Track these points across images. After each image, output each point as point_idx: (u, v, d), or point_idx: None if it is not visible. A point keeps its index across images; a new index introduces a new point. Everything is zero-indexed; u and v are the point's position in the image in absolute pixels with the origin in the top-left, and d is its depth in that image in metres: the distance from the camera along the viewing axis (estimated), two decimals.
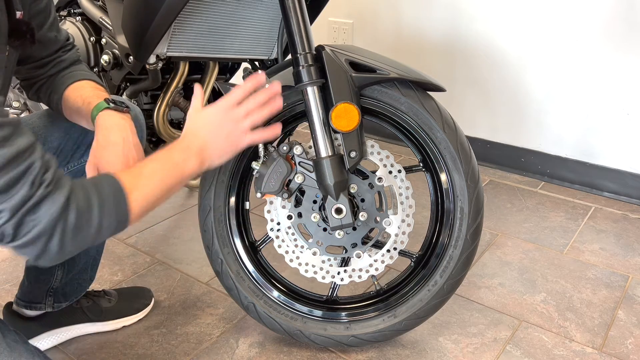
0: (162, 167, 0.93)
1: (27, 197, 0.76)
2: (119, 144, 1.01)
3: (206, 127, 1.01)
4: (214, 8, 1.31)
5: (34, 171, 0.77)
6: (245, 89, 1.04)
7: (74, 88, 1.11)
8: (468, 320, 1.46)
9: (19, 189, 0.75)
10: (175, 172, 0.94)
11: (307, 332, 1.30)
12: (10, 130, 0.76)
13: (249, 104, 1.04)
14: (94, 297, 1.42)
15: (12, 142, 0.75)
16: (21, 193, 0.75)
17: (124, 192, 0.85)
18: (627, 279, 1.63)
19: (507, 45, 2.17)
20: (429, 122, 1.21)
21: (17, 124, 0.78)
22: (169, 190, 0.93)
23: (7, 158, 0.74)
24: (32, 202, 0.76)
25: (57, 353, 1.35)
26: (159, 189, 0.91)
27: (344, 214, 1.19)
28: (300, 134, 2.60)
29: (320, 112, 1.16)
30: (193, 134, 1.00)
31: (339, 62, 1.16)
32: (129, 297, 1.47)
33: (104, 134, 1.02)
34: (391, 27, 2.44)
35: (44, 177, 0.78)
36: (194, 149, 0.98)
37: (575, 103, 2.09)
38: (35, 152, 0.79)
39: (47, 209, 0.77)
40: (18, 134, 0.77)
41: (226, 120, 1.02)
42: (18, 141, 0.76)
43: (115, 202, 0.84)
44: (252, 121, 1.04)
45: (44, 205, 0.77)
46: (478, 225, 1.25)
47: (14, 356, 0.87)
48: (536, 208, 2.03)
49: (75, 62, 1.17)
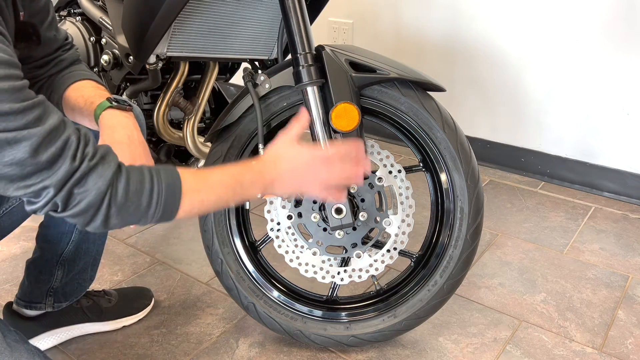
0: (229, 182, 0.93)
1: (71, 172, 0.78)
2: (125, 142, 1.01)
3: (290, 163, 0.98)
4: (214, 8, 1.31)
5: (72, 145, 0.79)
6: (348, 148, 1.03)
7: (75, 88, 1.11)
8: (468, 320, 1.46)
9: (60, 165, 0.77)
10: (238, 190, 0.94)
11: (307, 332, 1.31)
12: (41, 110, 0.77)
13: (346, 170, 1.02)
14: (94, 297, 1.42)
15: (45, 121, 0.77)
16: (63, 168, 0.77)
17: (180, 189, 0.86)
18: (627, 279, 1.63)
19: (507, 45, 2.17)
20: (429, 122, 1.21)
21: (45, 103, 0.79)
22: (224, 204, 0.94)
23: (44, 136, 0.76)
24: (78, 175, 0.78)
25: (57, 353, 1.35)
26: (215, 200, 0.92)
27: (344, 214, 1.19)
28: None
29: (320, 112, 1.16)
30: (274, 163, 0.98)
31: (339, 62, 1.16)
32: (129, 297, 1.47)
33: (108, 132, 1.02)
34: (391, 27, 2.44)
35: (85, 151, 0.80)
36: (267, 178, 0.96)
37: (575, 103, 2.09)
38: (68, 127, 0.80)
39: (94, 182, 0.79)
40: (49, 112, 0.79)
41: (312, 168, 1.00)
42: (50, 119, 0.78)
43: (168, 194, 0.85)
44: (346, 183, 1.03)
45: (91, 178, 0.79)
46: (478, 225, 1.25)
47: (14, 356, 0.87)
48: (536, 208, 2.03)
49: (75, 61, 1.17)
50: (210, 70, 1.51)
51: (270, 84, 1.21)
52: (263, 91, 1.22)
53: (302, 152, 0.99)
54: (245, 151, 1.27)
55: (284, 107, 1.24)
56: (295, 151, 0.99)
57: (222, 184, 0.92)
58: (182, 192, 0.87)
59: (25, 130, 0.74)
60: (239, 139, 1.26)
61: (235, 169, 0.95)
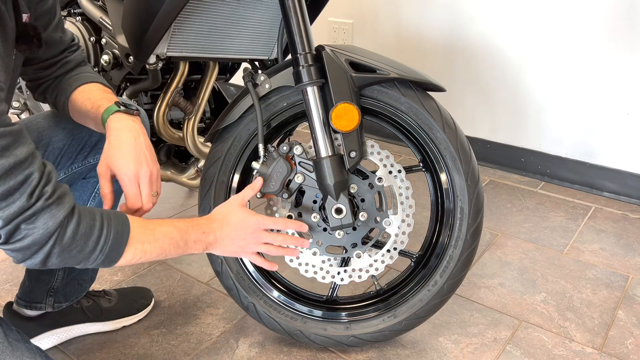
0: (174, 237, 0.97)
1: (24, 208, 0.78)
2: (131, 144, 1.02)
3: (232, 228, 1.07)
4: (214, 8, 1.31)
5: (32, 182, 0.79)
6: (286, 226, 1.14)
7: (82, 91, 1.11)
8: (468, 320, 1.46)
9: (15, 199, 0.77)
10: (181, 246, 0.99)
11: (307, 332, 1.31)
12: (10, 140, 0.77)
13: (277, 240, 1.12)
14: (94, 297, 1.42)
15: (11, 152, 0.77)
16: (17, 204, 0.77)
17: (127, 239, 0.90)
18: (627, 279, 1.63)
19: (507, 45, 2.17)
20: (429, 122, 1.21)
21: (18, 133, 0.79)
22: (165, 257, 0.98)
23: (5, 168, 0.76)
24: (29, 212, 0.78)
25: (57, 353, 1.35)
26: (157, 252, 0.95)
27: (344, 214, 1.19)
28: (300, 134, 2.60)
29: (320, 112, 1.16)
30: (220, 224, 1.06)
31: (339, 62, 1.16)
32: (129, 297, 1.47)
33: (115, 135, 1.02)
34: (391, 27, 2.44)
35: (44, 190, 0.80)
36: (211, 237, 1.04)
37: (575, 103, 2.09)
38: (35, 162, 0.80)
39: (44, 222, 0.80)
40: (18, 144, 0.78)
41: (251, 236, 1.09)
42: (17, 151, 0.77)
43: (115, 242, 0.88)
44: (266, 250, 1.13)
45: (42, 217, 0.79)
46: (478, 225, 1.25)
47: (16, 355, 0.88)
48: (536, 208, 2.03)
49: (81, 63, 1.17)
50: (210, 70, 1.51)
51: (270, 84, 1.21)
52: (263, 91, 1.22)
53: (247, 218, 1.09)
54: (246, 151, 1.27)
55: (284, 107, 1.24)
56: (242, 216, 1.09)
57: (168, 238, 0.96)
58: (128, 242, 0.90)
59: None
60: (239, 139, 1.26)
61: (183, 225, 1.00)
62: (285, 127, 1.30)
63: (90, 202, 1.27)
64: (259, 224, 1.09)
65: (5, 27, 0.87)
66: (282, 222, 1.13)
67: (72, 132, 1.18)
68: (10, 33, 0.89)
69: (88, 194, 1.26)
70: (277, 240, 1.12)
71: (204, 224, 1.04)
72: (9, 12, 0.88)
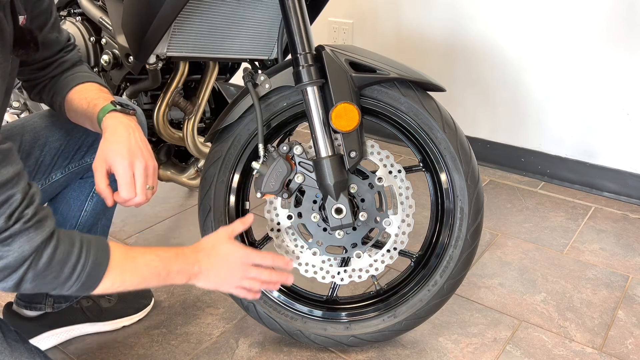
0: (157, 267, 0.95)
1: (1, 230, 0.76)
2: (126, 137, 1.02)
3: (219, 260, 1.06)
4: (214, 8, 1.31)
5: (13, 204, 0.77)
6: (271, 262, 1.12)
7: (78, 90, 1.11)
8: (468, 320, 1.46)
9: None
10: (162, 277, 0.97)
11: (307, 332, 1.31)
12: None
13: (262, 275, 1.10)
14: (93, 298, 1.42)
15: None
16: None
17: (106, 266, 0.87)
18: (627, 279, 1.63)
19: (507, 45, 2.17)
20: (429, 122, 1.21)
21: (7, 152, 0.78)
22: (146, 286, 0.95)
23: None
24: (6, 234, 0.76)
25: (57, 353, 1.35)
26: (137, 282, 0.93)
27: (344, 214, 1.19)
28: (300, 134, 2.60)
29: (320, 112, 1.16)
30: (206, 255, 1.05)
31: (339, 62, 1.16)
32: (129, 297, 1.47)
33: (111, 131, 1.02)
34: (391, 27, 2.44)
35: (24, 212, 0.78)
36: (195, 269, 1.02)
37: (575, 103, 2.09)
38: (19, 184, 0.78)
39: (20, 245, 0.77)
40: (5, 163, 0.77)
41: (237, 269, 1.07)
42: (4, 171, 0.76)
43: (92, 269, 0.86)
44: (250, 286, 1.10)
45: (18, 241, 0.77)
46: (478, 225, 1.25)
47: (15, 355, 0.88)
48: (536, 208, 2.03)
49: (77, 62, 1.17)
50: (210, 70, 1.51)
51: (270, 84, 1.21)
52: (263, 91, 1.22)
53: (234, 252, 1.07)
54: (246, 151, 1.27)
55: (284, 107, 1.24)
56: (229, 249, 1.07)
57: (150, 267, 0.94)
58: (107, 270, 0.87)
59: None
60: (239, 139, 1.26)
61: (167, 255, 0.98)
62: (285, 127, 1.30)
63: (88, 202, 1.27)
64: (247, 257, 1.08)
65: (4, 32, 0.87)
66: (270, 257, 1.12)
67: (69, 132, 1.18)
68: (8, 38, 0.89)
69: (86, 194, 1.26)
70: (264, 276, 1.10)
71: (189, 253, 1.03)
72: (7, 17, 0.88)
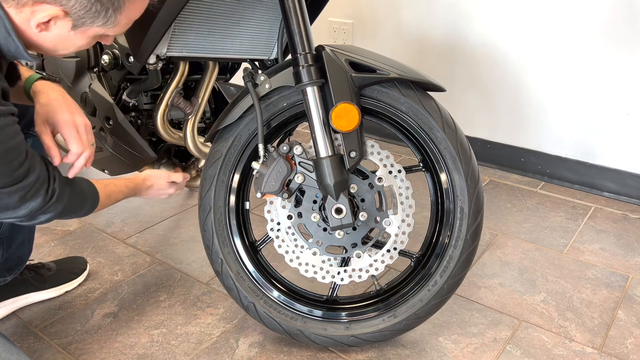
0: (120, 191, 1.34)
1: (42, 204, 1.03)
2: (61, 99, 1.11)
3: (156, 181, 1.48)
4: (214, 8, 1.31)
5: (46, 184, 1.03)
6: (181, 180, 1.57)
7: None
8: (468, 320, 1.46)
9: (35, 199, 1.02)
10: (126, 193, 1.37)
11: (307, 332, 1.31)
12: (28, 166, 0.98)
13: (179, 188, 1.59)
14: (35, 269, 1.53)
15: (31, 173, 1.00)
16: (37, 201, 1.02)
17: (99, 199, 1.23)
18: (627, 279, 1.63)
19: (507, 45, 2.17)
20: (429, 122, 1.21)
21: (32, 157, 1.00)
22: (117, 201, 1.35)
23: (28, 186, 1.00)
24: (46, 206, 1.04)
25: (57, 353, 1.35)
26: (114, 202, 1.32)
27: (344, 214, 1.19)
28: (300, 134, 2.60)
29: (320, 112, 1.16)
30: (148, 179, 1.47)
31: (339, 62, 1.16)
32: (67, 265, 1.59)
33: (43, 96, 1.10)
34: (391, 27, 2.44)
35: (53, 187, 1.05)
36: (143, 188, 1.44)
37: (575, 103, 2.09)
38: (47, 174, 1.03)
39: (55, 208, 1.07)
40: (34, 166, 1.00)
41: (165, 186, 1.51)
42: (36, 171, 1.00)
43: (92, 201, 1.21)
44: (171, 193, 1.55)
45: None
46: (478, 225, 1.25)
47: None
48: (536, 208, 2.03)
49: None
50: (210, 70, 1.51)
51: (270, 84, 1.21)
52: (263, 91, 1.22)
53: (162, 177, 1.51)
54: (246, 151, 1.27)
55: (284, 107, 1.24)
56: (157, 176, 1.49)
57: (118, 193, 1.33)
58: (100, 200, 1.23)
59: None
60: (239, 139, 1.26)
61: (125, 183, 1.38)
62: (285, 127, 1.30)
63: None
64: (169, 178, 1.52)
65: None
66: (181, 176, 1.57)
67: None
68: None
69: None
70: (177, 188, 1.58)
71: (135, 180, 1.42)
72: None
